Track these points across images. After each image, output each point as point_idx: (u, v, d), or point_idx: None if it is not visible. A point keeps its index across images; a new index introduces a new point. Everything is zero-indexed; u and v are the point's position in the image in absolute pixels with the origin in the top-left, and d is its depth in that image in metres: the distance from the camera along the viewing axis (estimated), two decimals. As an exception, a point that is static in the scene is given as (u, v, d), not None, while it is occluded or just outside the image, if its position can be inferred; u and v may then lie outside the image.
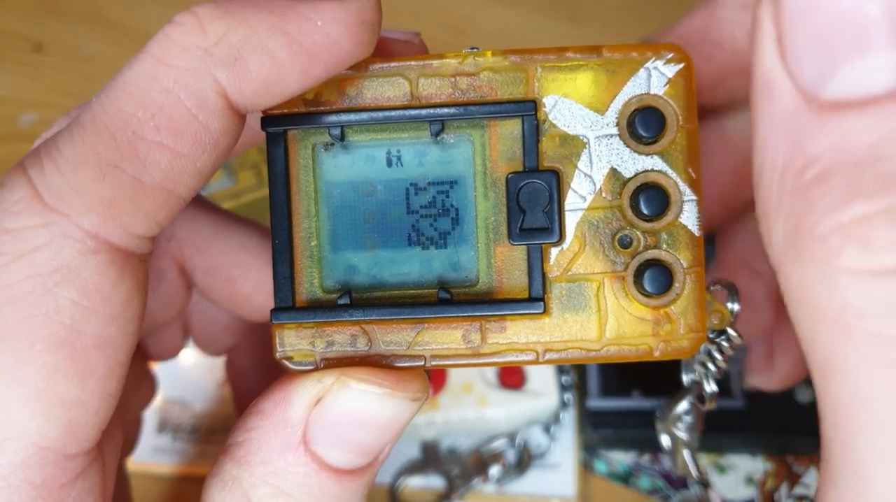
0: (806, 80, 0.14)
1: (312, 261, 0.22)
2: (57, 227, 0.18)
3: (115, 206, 0.18)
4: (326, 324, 0.21)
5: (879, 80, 0.13)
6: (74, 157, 0.18)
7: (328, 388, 0.20)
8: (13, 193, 0.18)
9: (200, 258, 0.29)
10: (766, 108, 0.15)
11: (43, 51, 0.55)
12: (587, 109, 0.21)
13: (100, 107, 0.18)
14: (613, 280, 0.21)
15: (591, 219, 0.21)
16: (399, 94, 0.21)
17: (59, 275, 0.18)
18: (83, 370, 0.18)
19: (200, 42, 0.18)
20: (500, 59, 0.21)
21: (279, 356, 0.21)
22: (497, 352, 0.21)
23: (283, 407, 0.20)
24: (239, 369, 0.33)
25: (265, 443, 0.20)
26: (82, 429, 0.18)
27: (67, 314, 0.18)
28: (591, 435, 0.40)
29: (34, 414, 0.18)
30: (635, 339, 0.21)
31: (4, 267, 0.18)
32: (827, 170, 0.14)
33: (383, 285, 0.22)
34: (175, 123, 0.18)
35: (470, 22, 0.52)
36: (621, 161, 0.21)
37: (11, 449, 0.18)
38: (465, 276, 0.21)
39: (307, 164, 0.22)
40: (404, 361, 0.21)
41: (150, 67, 0.18)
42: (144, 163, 0.18)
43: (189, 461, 0.42)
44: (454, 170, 0.21)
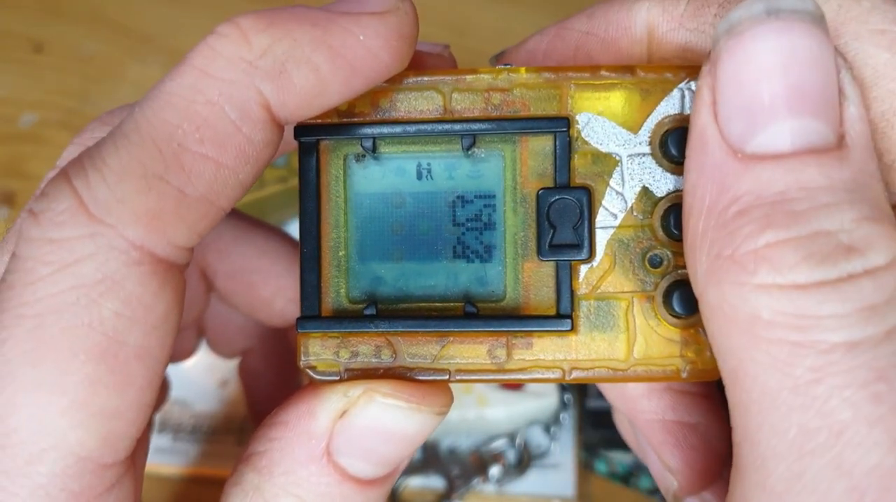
0: (733, 137, 0.17)
1: (340, 271, 0.22)
2: (102, 239, 0.18)
3: (160, 218, 0.18)
4: (352, 334, 0.21)
5: (787, 140, 0.17)
6: (120, 168, 0.18)
7: (354, 401, 0.20)
8: (58, 203, 0.18)
9: (222, 263, 0.29)
10: (698, 157, 0.18)
11: (43, 51, 0.55)
12: (620, 128, 0.21)
13: (143, 117, 0.18)
14: (643, 299, 0.21)
15: (621, 238, 0.21)
16: (432, 107, 0.21)
17: (104, 286, 0.18)
18: (123, 381, 0.18)
19: (245, 54, 0.18)
20: (534, 75, 0.21)
21: (303, 365, 0.21)
22: (523, 368, 0.21)
23: (308, 418, 0.20)
24: (252, 372, 0.33)
25: (288, 454, 0.20)
26: (120, 440, 0.18)
27: (110, 325, 0.18)
28: (591, 435, 0.40)
29: (74, 424, 0.18)
30: (663, 360, 0.21)
31: (49, 277, 0.18)
32: (747, 207, 0.17)
33: (409, 297, 0.22)
34: (219, 135, 0.18)
35: (470, 22, 0.52)
36: (653, 180, 0.21)
37: (51, 459, 0.18)
38: (492, 291, 0.21)
39: (338, 175, 0.22)
40: (429, 375, 0.21)
41: (194, 79, 0.18)
42: (189, 174, 0.18)
43: (189, 461, 0.42)
44: (484, 185, 0.21)
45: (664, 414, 0.24)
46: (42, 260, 0.18)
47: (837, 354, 0.16)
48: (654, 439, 0.24)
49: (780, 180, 0.17)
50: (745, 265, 0.16)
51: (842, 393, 0.16)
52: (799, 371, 0.16)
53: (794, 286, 0.16)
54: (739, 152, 0.17)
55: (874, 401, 0.16)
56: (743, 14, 0.17)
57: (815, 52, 0.17)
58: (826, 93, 0.17)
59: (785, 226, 0.16)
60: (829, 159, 0.17)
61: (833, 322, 0.16)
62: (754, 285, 0.16)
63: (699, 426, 0.24)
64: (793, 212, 0.16)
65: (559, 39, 0.23)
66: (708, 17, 0.21)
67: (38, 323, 0.18)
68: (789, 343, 0.16)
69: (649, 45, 0.22)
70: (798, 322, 0.16)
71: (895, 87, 0.19)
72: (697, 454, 0.24)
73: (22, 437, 0.18)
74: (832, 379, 0.16)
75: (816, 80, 0.17)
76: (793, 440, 0.16)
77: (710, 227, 0.17)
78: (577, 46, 0.23)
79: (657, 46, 0.22)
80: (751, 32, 0.17)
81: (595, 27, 0.22)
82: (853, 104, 0.17)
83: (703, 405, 0.24)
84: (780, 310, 0.16)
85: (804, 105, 0.17)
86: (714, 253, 0.17)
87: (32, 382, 0.18)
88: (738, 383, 0.17)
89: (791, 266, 0.16)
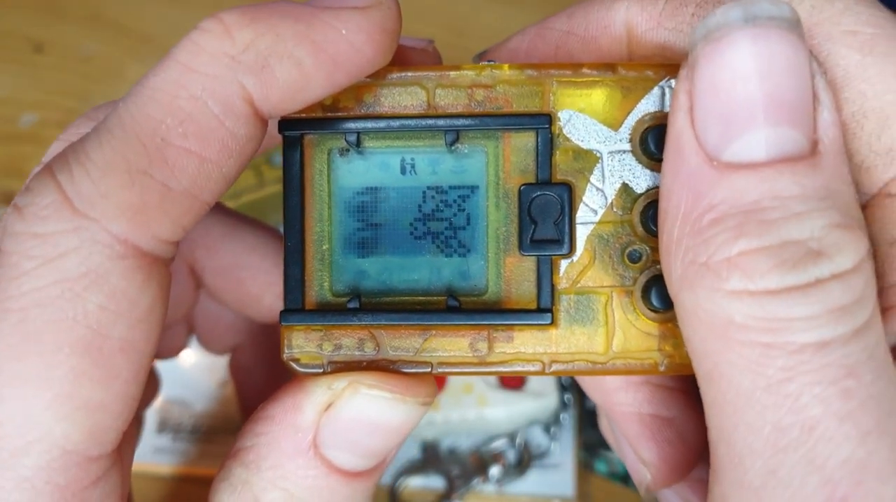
0: (709, 144, 0.17)
1: (323, 264, 0.22)
2: (86, 233, 0.18)
3: (144, 212, 0.18)
4: (335, 327, 0.21)
5: (761, 149, 0.17)
6: (104, 163, 0.18)
7: (339, 394, 0.20)
8: (42, 198, 0.18)
9: (210, 259, 0.29)
10: (674, 162, 0.18)
11: (43, 51, 0.55)
12: (601, 125, 0.21)
13: (127, 113, 0.18)
14: (621, 294, 0.21)
15: (601, 233, 0.21)
16: (416, 103, 0.21)
17: (88, 279, 0.18)
18: (108, 374, 0.18)
19: (228, 49, 0.18)
20: (517, 72, 0.21)
21: (286, 357, 0.22)
22: (503, 361, 0.21)
23: (294, 412, 0.21)
24: (243, 368, 0.33)
25: (275, 448, 0.20)
26: (105, 433, 0.19)
27: (94, 318, 0.18)
28: (591, 435, 0.40)
29: (59, 417, 0.18)
30: (641, 354, 0.21)
31: (33, 271, 0.18)
32: (721, 216, 0.17)
33: (393, 291, 0.22)
34: (203, 130, 0.18)
35: (470, 22, 0.52)
36: (633, 177, 0.21)
37: (36, 452, 0.18)
38: (474, 285, 0.22)
39: (322, 169, 0.22)
40: (411, 367, 0.21)
41: (178, 74, 0.18)
42: (173, 169, 0.18)
43: (189, 461, 0.42)
44: (467, 180, 0.21)
45: (640, 407, 0.24)
46: (26, 254, 0.18)
47: (807, 354, 0.16)
48: (629, 431, 0.24)
49: (754, 189, 0.17)
50: (719, 272, 0.17)
51: (812, 391, 0.16)
52: (771, 371, 0.16)
53: (764, 292, 0.16)
54: (715, 160, 0.17)
55: (844, 397, 0.16)
56: (720, 20, 0.17)
57: (791, 59, 0.17)
58: (801, 100, 0.17)
59: (757, 235, 0.17)
60: (803, 167, 0.17)
61: (802, 324, 0.16)
62: (727, 291, 0.17)
63: (675, 420, 0.24)
64: (765, 221, 0.17)
65: (540, 38, 0.23)
66: (686, 17, 0.21)
67: (22, 317, 0.18)
68: (761, 345, 0.16)
69: (629, 43, 0.22)
70: (769, 325, 0.16)
71: (865, 88, 0.19)
72: (672, 448, 0.24)
73: (7, 431, 0.18)
74: (803, 377, 0.16)
75: (792, 87, 0.17)
76: (767, 437, 0.16)
77: (685, 234, 0.18)
78: (557, 45, 0.23)
79: (636, 45, 0.22)
80: (728, 39, 0.17)
81: (575, 26, 0.23)
82: (826, 109, 0.18)
83: (680, 400, 0.24)
84: (752, 314, 0.17)
85: (780, 113, 0.17)
86: (689, 259, 0.17)
87: (17, 376, 0.18)
88: (713, 384, 0.17)
89: (762, 273, 0.16)
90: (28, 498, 0.18)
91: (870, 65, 0.19)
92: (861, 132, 0.19)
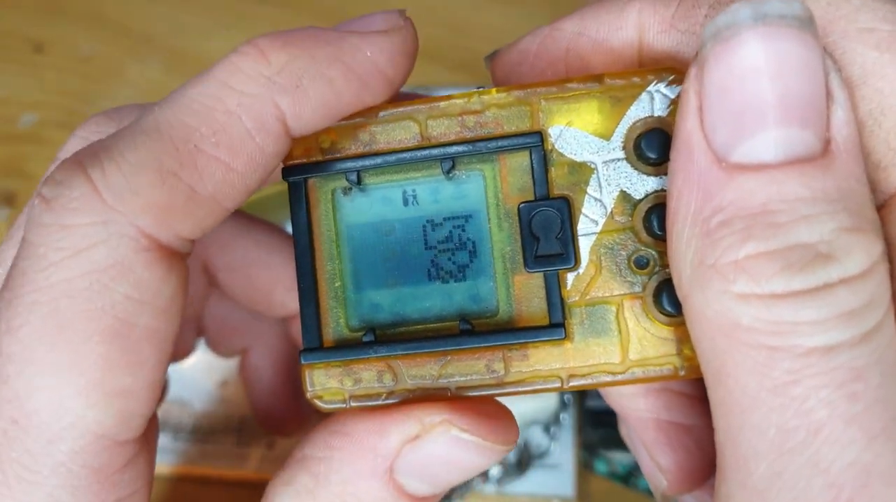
0: (718, 145, 0.17)
1: (337, 301, 0.22)
2: (114, 226, 0.19)
3: (170, 211, 0.19)
4: (353, 362, 0.22)
5: (771, 151, 0.17)
6: (137, 161, 0.19)
7: (429, 429, 0.21)
8: (71, 190, 0.19)
9: (223, 256, 0.30)
10: (683, 163, 0.18)
11: (43, 51, 0.55)
12: (592, 136, 0.21)
13: (164, 117, 0.20)
14: (633, 301, 0.21)
15: (605, 243, 0.21)
16: (409, 136, 0.22)
17: (115, 271, 0.19)
18: (135, 361, 0.19)
19: (264, 70, 0.20)
20: (505, 95, 0.21)
21: (310, 396, 0.22)
22: (521, 380, 0.21)
23: (377, 436, 0.21)
24: (253, 370, 0.34)
25: (349, 465, 0.21)
26: (134, 417, 0.19)
27: (122, 308, 0.19)
28: (591, 435, 0.40)
29: (91, 403, 0.19)
30: (659, 359, 0.21)
31: (61, 262, 0.19)
32: (730, 218, 0.17)
33: (406, 321, 0.22)
34: (234, 142, 0.20)
35: (470, 22, 0.52)
36: (630, 183, 0.21)
37: (70, 437, 0.19)
38: (486, 307, 0.22)
39: (327, 209, 0.22)
40: (430, 394, 0.21)
41: (216, 89, 0.20)
42: (201, 174, 0.19)
43: (189, 461, 0.42)
44: (468, 205, 0.22)
45: (658, 413, 0.24)
46: (54, 246, 0.19)
47: (814, 357, 0.16)
48: (646, 438, 0.24)
49: (763, 192, 0.17)
50: (726, 274, 0.17)
51: (818, 394, 0.16)
52: (777, 373, 0.16)
53: (772, 296, 0.16)
54: (724, 161, 0.17)
55: (850, 400, 0.16)
56: (730, 19, 0.17)
57: (803, 58, 0.17)
58: (814, 99, 0.17)
59: (764, 238, 0.17)
60: (813, 169, 0.17)
61: (809, 328, 0.16)
62: (734, 294, 0.17)
63: (692, 428, 0.24)
64: (773, 223, 0.17)
65: (551, 40, 0.23)
66: (699, 19, 0.21)
67: (52, 307, 0.18)
68: (767, 347, 0.16)
69: (640, 46, 0.22)
70: (776, 328, 0.16)
71: (882, 85, 0.19)
72: (689, 455, 0.24)
73: (42, 418, 0.19)
74: (809, 380, 0.16)
75: (804, 87, 0.17)
76: (772, 439, 0.16)
77: (693, 235, 0.18)
78: (568, 47, 0.23)
79: (648, 48, 0.22)
80: (738, 38, 0.17)
81: (586, 28, 0.23)
82: (841, 107, 0.17)
83: (697, 407, 0.24)
84: (759, 317, 0.17)
85: (791, 114, 0.17)
86: (697, 260, 0.17)
87: (50, 365, 0.18)
88: (720, 385, 0.17)
89: (769, 277, 0.16)
90: (64, 482, 0.19)
91: (887, 62, 0.19)
92: (878, 130, 0.19)
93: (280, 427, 0.34)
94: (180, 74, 0.53)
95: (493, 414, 0.21)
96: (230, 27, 0.53)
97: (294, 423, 0.34)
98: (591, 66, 0.23)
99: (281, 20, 0.55)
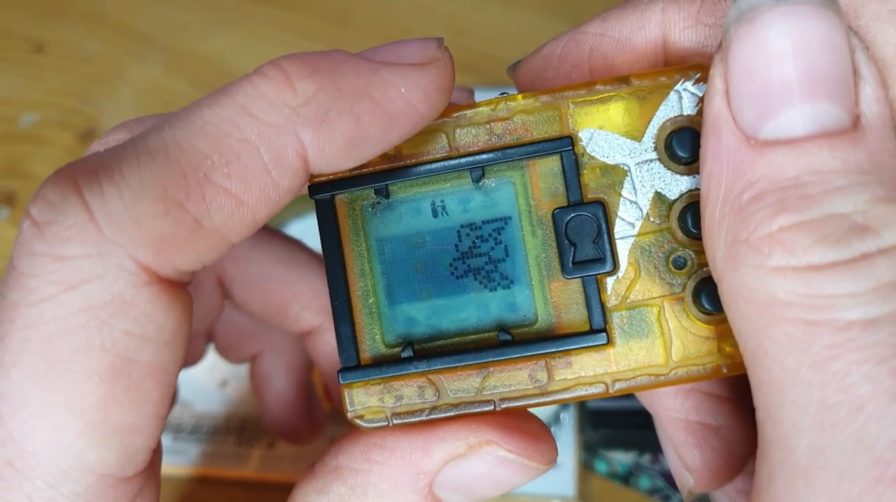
0: (746, 124, 0.17)
1: (372, 317, 0.22)
2: (112, 258, 0.17)
3: (172, 245, 0.18)
4: (393, 378, 0.21)
5: (799, 125, 0.17)
6: (139, 187, 0.18)
7: (475, 449, 0.21)
8: (65, 217, 0.17)
9: (238, 270, 0.29)
10: (713, 145, 0.18)
11: (43, 51, 0.55)
12: (623, 138, 0.21)
13: (173, 139, 0.18)
14: (673, 302, 0.21)
15: (642, 245, 0.21)
16: (437, 147, 0.21)
17: (113, 306, 0.18)
18: (138, 398, 0.18)
19: (289, 100, 0.18)
20: (532, 100, 0.21)
21: (351, 416, 0.22)
22: (566, 387, 0.21)
23: (420, 453, 0.21)
24: (264, 376, 0.33)
25: (389, 479, 0.21)
26: (138, 453, 0.19)
27: (122, 345, 0.18)
28: (591, 435, 0.40)
29: (93, 443, 0.18)
30: (702, 358, 0.21)
31: (55, 297, 0.17)
32: (761, 193, 0.17)
33: (443, 333, 0.22)
34: (247, 174, 0.18)
35: (470, 22, 0.52)
36: (664, 184, 0.21)
37: (72, 479, 0.18)
38: (524, 316, 0.21)
39: (356, 225, 0.22)
40: (475, 407, 0.21)
41: (233, 113, 0.18)
42: (209, 206, 0.18)
43: (189, 461, 0.42)
44: (499, 213, 0.22)
45: (688, 414, 0.24)
46: (47, 278, 0.17)
47: (854, 331, 0.16)
48: (675, 437, 0.24)
49: (793, 165, 0.17)
50: (761, 248, 0.17)
51: (860, 369, 0.16)
52: (816, 348, 0.16)
53: (808, 268, 0.16)
54: (753, 139, 0.17)
55: (893, 376, 0.16)
56: (752, 1, 0.17)
57: (826, 34, 0.17)
58: (839, 75, 0.17)
59: (798, 209, 0.16)
60: (843, 142, 0.17)
61: (848, 300, 0.16)
62: (770, 268, 0.16)
63: (721, 429, 0.24)
64: (806, 195, 0.16)
65: (574, 43, 0.23)
66: (725, 11, 0.21)
67: (47, 346, 0.17)
68: (805, 322, 0.16)
69: (665, 43, 0.22)
70: (813, 302, 0.16)
71: None
72: (717, 456, 0.24)
73: (41, 460, 0.18)
74: (850, 355, 0.16)
75: (829, 62, 0.17)
76: (814, 415, 0.16)
77: (726, 213, 0.17)
78: (591, 49, 0.23)
79: (674, 45, 0.22)
80: (760, 19, 0.17)
81: (609, 29, 0.22)
82: (869, 84, 0.17)
83: (728, 409, 0.24)
84: (795, 290, 0.16)
85: (817, 89, 0.17)
86: (730, 238, 0.17)
87: (46, 406, 0.18)
88: (758, 363, 0.17)
89: (805, 248, 0.16)
90: None
91: None
92: None
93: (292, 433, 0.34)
94: (180, 74, 0.53)
95: (536, 434, 0.21)
96: (230, 27, 0.53)
97: (306, 429, 0.34)
98: (615, 66, 0.22)
99: (281, 20, 0.55)
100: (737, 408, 0.24)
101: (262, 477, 0.41)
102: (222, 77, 0.52)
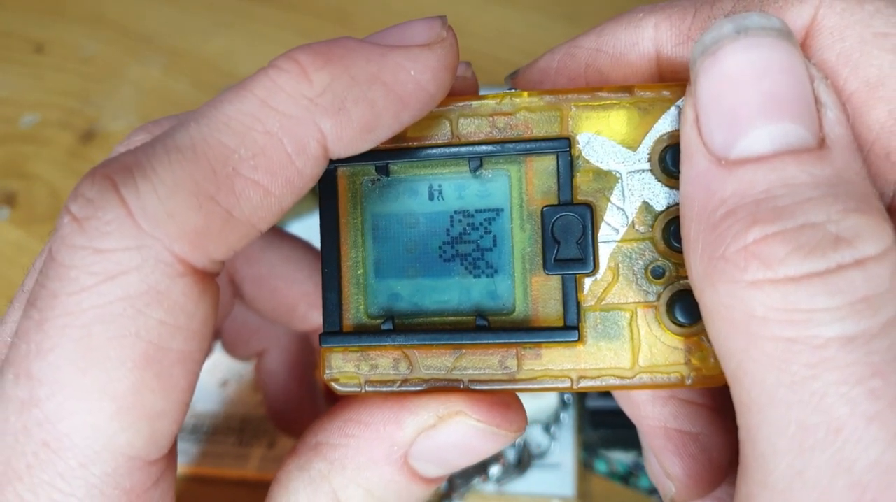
0: (717, 147, 0.18)
1: (359, 288, 0.23)
2: (149, 251, 0.18)
3: (206, 236, 0.19)
4: (371, 348, 0.22)
5: (767, 143, 0.17)
6: (172, 182, 0.18)
7: (445, 420, 0.21)
8: (105, 212, 0.18)
9: (249, 269, 0.30)
10: (686, 170, 0.19)
11: (43, 51, 0.55)
12: (620, 146, 0.21)
13: (200, 135, 0.19)
14: (646, 309, 0.21)
15: (624, 251, 0.21)
16: (440, 132, 0.22)
17: (149, 296, 0.18)
18: (167, 385, 0.19)
19: (306, 91, 0.19)
20: (536, 98, 0.22)
21: (327, 377, 0.22)
22: (533, 377, 0.22)
23: (393, 425, 0.22)
24: (270, 372, 0.34)
25: (364, 452, 0.22)
26: (164, 438, 0.19)
27: (156, 333, 0.18)
28: (591, 434, 0.40)
29: (124, 427, 0.19)
30: (668, 368, 0.21)
31: (94, 287, 0.18)
32: (733, 208, 0.17)
33: (424, 312, 0.23)
34: (273, 165, 0.19)
35: (470, 22, 0.52)
36: (653, 195, 0.21)
37: (103, 460, 0.19)
38: (502, 305, 0.22)
39: (355, 199, 0.23)
40: (443, 384, 0.22)
41: (254, 108, 0.19)
42: (238, 198, 0.19)
43: (190, 460, 0.42)
44: (492, 203, 0.22)
45: (667, 421, 0.24)
46: (87, 269, 0.18)
47: (832, 349, 0.16)
48: (655, 444, 0.25)
49: (763, 179, 0.17)
50: (737, 263, 0.17)
51: (838, 390, 0.16)
52: (795, 367, 0.16)
53: (784, 279, 0.16)
54: (723, 159, 0.18)
55: (871, 398, 0.16)
56: (714, 35, 0.18)
57: (785, 61, 0.18)
58: (801, 98, 0.18)
59: (770, 220, 0.17)
60: (810, 158, 0.17)
61: (826, 315, 0.16)
62: (746, 282, 0.17)
63: (700, 436, 0.24)
64: (777, 207, 0.17)
65: (570, 57, 0.23)
66: None
67: (84, 333, 0.18)
68: (784, 339, 0.16)
69: (658, 59, 0.22)
70: (791, 317, 0.16)
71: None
72: (697, 463, 0.24)
73: (75, 441, 0.18)
74: (828, 374, 0.16)
75: (790, 86, 0.18)
76: (792, 436, 0.16)
77: (701, 231, 0.18)
78: (587, 63, 0.23)
79: (667, 61, 0.22)
80: (723, 50, 0.18)
81: (604, 44, 0.23)
82: (831, 110, 0.18)
83: (707, 416, 0.24)
84: (773, 305, 0.16)
85: (781, 110, 0.18)
86: (707, 255, 0.18)
87: (82, 389, 0.18)
88: (738, 383, 0.17)
89: (780, 259, 0.16)
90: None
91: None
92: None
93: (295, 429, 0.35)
94: (180, 74, 0.53)
95: (504, 403, 0.22)
96: (230, 27, 0.54)
97: (309, 425, 0.35)
98: (610, 81, 0.23)
99: (281, 20, 0.55)
100: (715, 416, 0.24)
101: (263, 477, 0.41)
102: (222, 77, 0.52)
